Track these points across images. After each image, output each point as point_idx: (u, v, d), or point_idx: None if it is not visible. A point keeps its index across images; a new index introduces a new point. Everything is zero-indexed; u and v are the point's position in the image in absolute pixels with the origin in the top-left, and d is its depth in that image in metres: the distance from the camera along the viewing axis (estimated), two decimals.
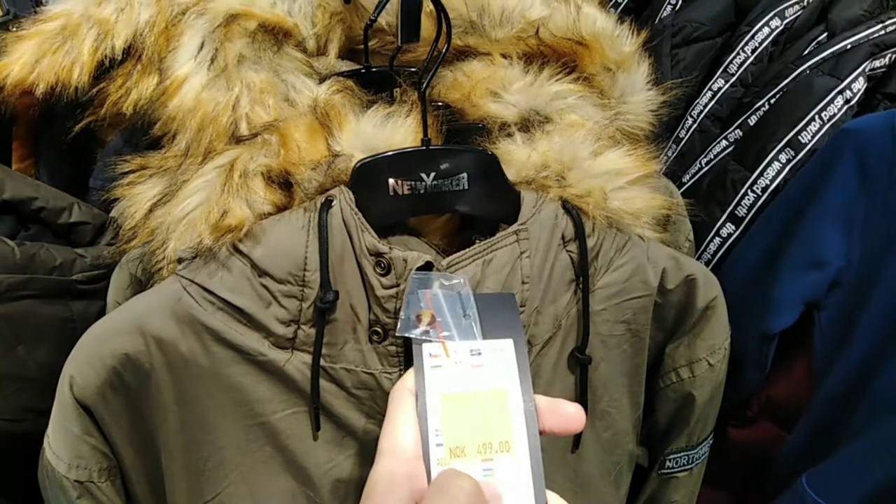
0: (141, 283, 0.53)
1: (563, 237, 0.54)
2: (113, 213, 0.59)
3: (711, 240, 1.01)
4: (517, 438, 0.35)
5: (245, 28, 0.53)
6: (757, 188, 0.98)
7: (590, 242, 0.54)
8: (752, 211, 0.98)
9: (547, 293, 0.54)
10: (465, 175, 0.52)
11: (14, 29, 0.65)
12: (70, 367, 0.47)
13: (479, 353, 0.37)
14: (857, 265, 0.83)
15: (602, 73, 0.65)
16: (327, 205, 0.48)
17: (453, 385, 0.36)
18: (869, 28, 0.99)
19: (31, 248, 0.54)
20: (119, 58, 0.63)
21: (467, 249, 0.50)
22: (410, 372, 0.38)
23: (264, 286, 0.48)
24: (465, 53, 0.63)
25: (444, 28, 0.51)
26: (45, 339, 0.54)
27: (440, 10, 0.50)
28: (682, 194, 1.10)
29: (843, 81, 0.96)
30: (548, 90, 0.60)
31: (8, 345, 0.52)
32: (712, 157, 1.10)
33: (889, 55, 0.97)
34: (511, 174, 0.55)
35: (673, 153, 1.19)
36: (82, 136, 0.67)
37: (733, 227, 1.00)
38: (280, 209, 0.50)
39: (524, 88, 0.60)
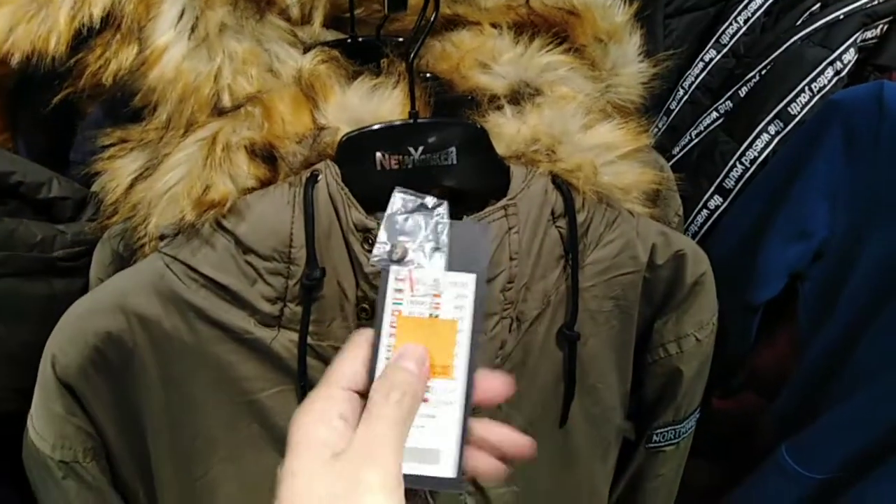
0: (123, 260, 0.52)
1: (552, 213, 0.53)
2: (94, 188, 0.57)
3: (699, 212, 1.01)
4: (457, 366, 0.38)
5: None
6: (745, 160, 0.98)
7: (579, 218, 0.54)
8: (740, 183, 0.98)
9: (536, 269, 0.53)
10: (453, 149, 0.51)
11: None
12: (52, 346, 0.47)
13: (440, 284, 0.39)
14: (840, 236, 0.84)
15: (593, 43, 0.64)
16: (313, 179, 0.47)
17: (411, 309, 0.39)
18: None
19: (9, 224, 0.52)
20: (97, 27, 0.60)
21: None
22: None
23: (249, 263, 0.47)
24: (454, 22, 0.62)
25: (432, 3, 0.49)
26: (27, 318, 0.53)
27: None
28: (672, 167, 1.10)
29: (833, 52, 0.95)
30: (538, 61, 0.59)
31: None
32: (702, 129, 1.09)
33: (881, 25, 0.96)
34: (501, 148, 0.54)
35: (663, 125, 1.18)
36: (61, 108, 0.65)
37: (720, 200, 1.00)
38: (264, 184, 0.49)
39: (514, 59, 0.59)
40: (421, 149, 0.50)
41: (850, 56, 0.95)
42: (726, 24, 1.12)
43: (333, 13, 0.59)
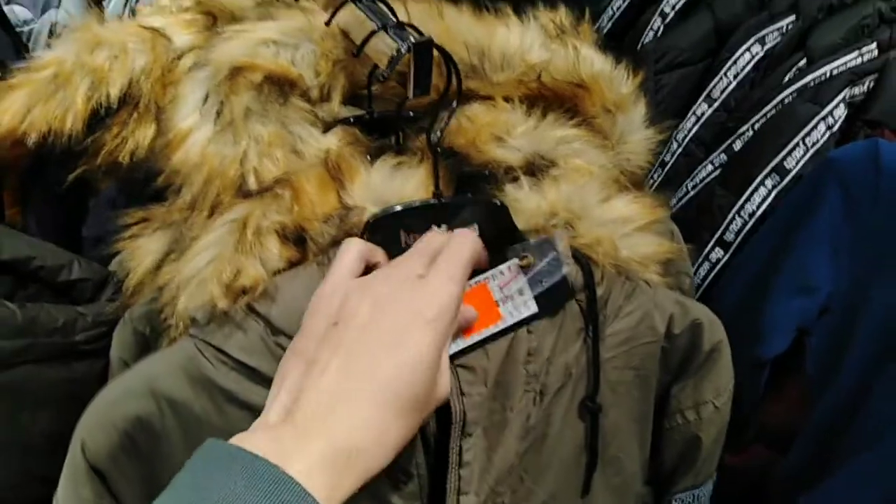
0: (148, 341, 0.52)
1: (571, 286, 0.54)
2: (113, 266, 0.57)
3: (701, 264, 1.03)
4: None
5: (251, 81, 0.53)
6: (744, 213, 1.00)
7: (599, 291, 0.55)
8: (740, 236, 1.00)
9: (558, 343, 0.54)
10: (476, 227, 0.52)
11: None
12: (82, 431, 0.46)
13: None
14: (845, 291, 0.85)
15: (602, 114, 0.66)
16: None
17: None
18: (846, 55, 1.01)
19: (31, 311, 0.52)
20: (114, 106, 0.62)
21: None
22: None
23: (279, 345, 0.47)
24: (467, 97, 0.63)
25: (455, 82, 0.51)
26: (48, 404, 0.52)
27: (449, 64, 0.50)
28: (671, 218, 1.12)
29: (824, 108, 0.98)
30: (552, 135, 0.60)
31: (10, 412, 0.51)
32: (698, 181, 1.12)
33: (867, 82, 1.00)
34: (520, 223, 0.55)
35: (658, 177, 1.20)
36: (74, 184, 0.66)
37: (722, 252, 1.02)
38: (293, 264, 0.49)
39: (528, 132, 0.60)
40: (444, 227, 0.51)
41: (841, 112, 0.98)
42: (717, 78, 1.16)
43: (351, 91, 0.61)
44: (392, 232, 0.50)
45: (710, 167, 1.10)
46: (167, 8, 0.71)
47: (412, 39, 0.49)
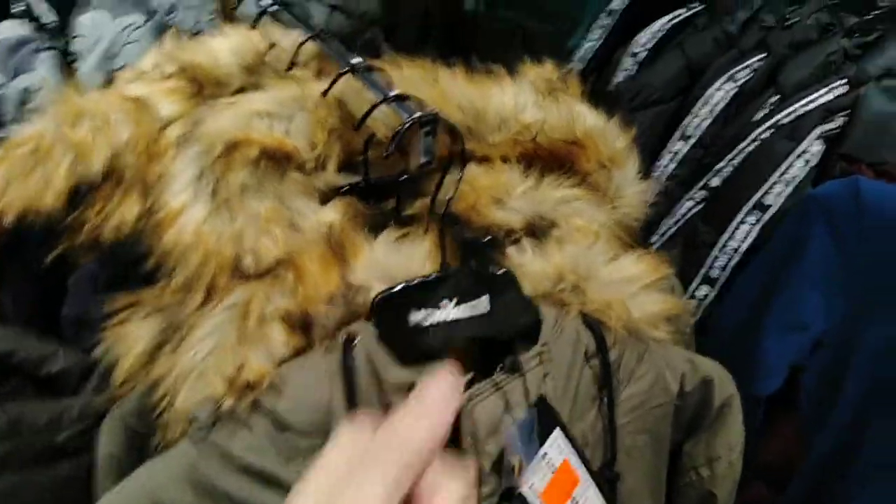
0: (141, 437, 0.49)
1: (585, 352, 0.53)
2: (99, 353, 0.54)
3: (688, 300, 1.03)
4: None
5: (247, 156, 0.51)
6: (728, 249, 1.01)
7: (612, 356, 0.53)
8: (726, 272, 1.00)
9: (574, 411, 0.52)
10: (486, 297, 0.50)
11: None
12: None
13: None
14: (837, 326, 0.85)
15: (597, 169, 0.65)
16: (349, 344, 0.46)
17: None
18: (818, 92, 1.04)
19: (12, 411, 0.48)
20: (98, 181, 0.59)
21: (486, 381, 0.48)
22: None
23: (287, 441, 0.45)
24: (465, 158, 0.62)
25: (458, 149, 0.50)
26: None
27: (453, 134, 0.49)
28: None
29: (801, 144, 1.00)
30: (552, 195, 0.60)
31: None
32: (679, 217, 1.12)
33: (840, 118, 1.02)
34: (527, 288, 0.53)
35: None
36: (52, 261, 0.63)
37: (708, 288, 1.02)
38: (299, 352, 0.47)
39: (527, 193, 0.59)
40: (455, 301, 0.49)
41: (818, 147, 1.00)
42: (691, 116, 1.17)
43: (347, 159, 0.59)
44: (400, 310, 0.48)
45: (689, 203, 1.11)
46: (149, 74, 0.69)
47: (417, 112, 0.48)
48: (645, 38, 1.30)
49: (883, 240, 0.80)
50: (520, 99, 0.63)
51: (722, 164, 1.07)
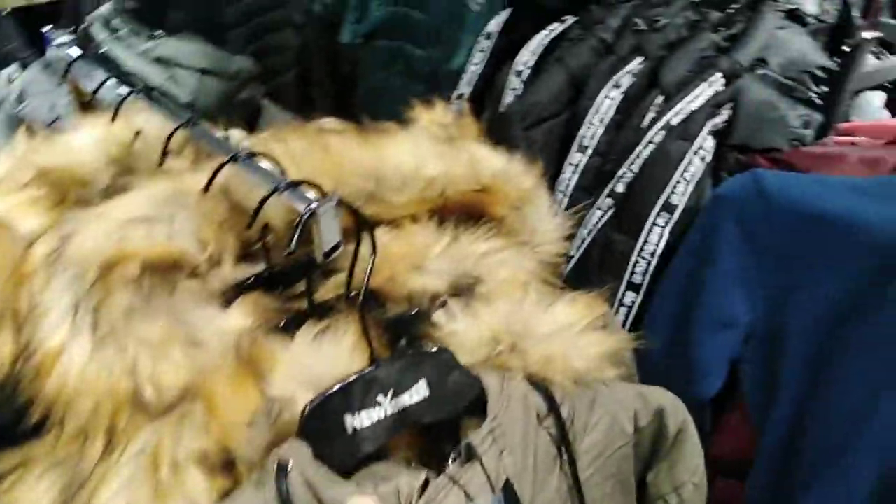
0: None
1: (538, 416, 0.50)
2: None
3: (617, 310, 1.03)
4: None
5: (128, 275, 0.44)
6: (645, 254, 1.01)
7: (564, 412, 0.51)
8: (648, 276, 1.01)
9: (536, 482, 0.49)
10: (423, 381, 0.46)
11: None
12: None
13: None
14: (763, 316, 0.87)
15: (510, 212, 0.63)
16: (282, 472, 0.40)
17: None
18: (698, 88, 1.07)
19: None
20: None
21: (442, 477, 0.44)
22: None
23: None
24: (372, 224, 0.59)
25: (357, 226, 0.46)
26: None
27: (362, 225, 0.45)
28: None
29: (694, 142, 1.02)
30: (472, 250, 0.57)
31: None
32: (592, 228, 1.12)
33: (724, 111, 1.05)
34: (465, 358, 0.50)
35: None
36: None
37: (634, 295, 1.02)
38: (226, 493, 0.41)
39: (445, 252, 0.56)
40: (391, 393, 0.45)
41: (709, 143, 1.03)
42: (583, 126, 1.18)
43: (244, 250, 0.54)
44: (333, 418, 0.43)
45: (598, 212, 1.11)
46: (2, 185, 0.61)
47: (312, 196, 0.43)
48: (526, 57, 1.31)
49: (791, 228, 0.82)
50: (418, 153, 0.60)
51: (622, 170, 1.08)
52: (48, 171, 0.60)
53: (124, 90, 0.59)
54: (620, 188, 1.09)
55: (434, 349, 0.48)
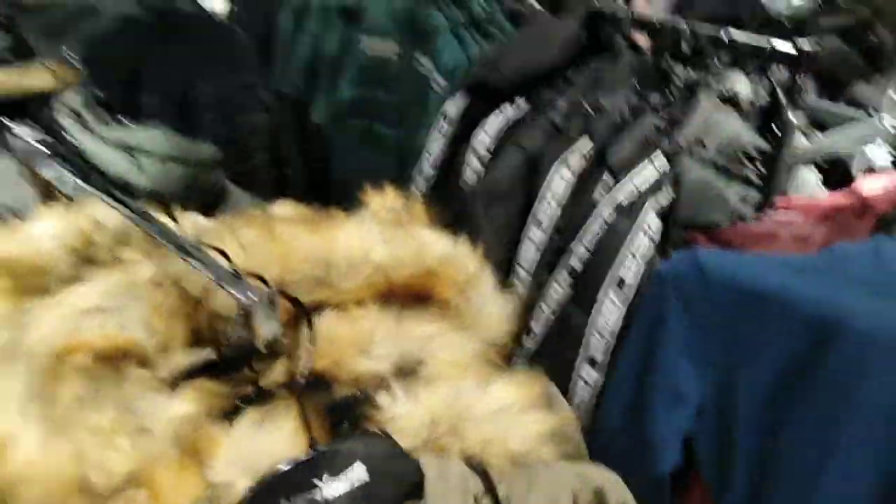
0: None
1: (475, 497, 0.51)
2: None
3: (575, 384, 1.05)
4: None
5: (79, 365, 0.46)
6: (602, 330, 1.04)
7: (501, 492, 0.52)
8: (607, 354, 1.03)
9: None
10: (361, 465, 0.48)
11: None
12: None
13: None
14: (713, 389, 0.90)
15: (455, 295, 0.66)
16: None
17: None
18: (644, 169, 1.13)
19: None
20: None
21: None
22: None
23: None
24: (319, 308, 0.61)
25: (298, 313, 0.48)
26: None
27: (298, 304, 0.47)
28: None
29: (639, 221, 1.07)
30: (415, 333, 0.59)
31: None
32: (551, 302, 1.16)
33: (667, 190, 1.11)
34: (406, 441, 0.52)
35: (515, 304, 1.23)
36: None
37: (595, 373, 1.04)
38: None
39: (389, 336, 0.59)
40: (327, 477, 0.47)
41: (655, 221, 1.08)
42: (538, 203, 1.23)
43: (193, 335, 0.56)
44: (275, 502, 0.45)
45: (556, 286, 1.15)
46: None
47: (252, 289, 0.46)
48: (483, 138, 1.37)
49: (730, 305, 0.85)
50: (366, 239, 0.64)
51: (577, 246, 1.13)
52: (8, 261, 0.62)
53: (84, 181, 0.62)
54: (576, 264, 1.14)
55: (374, 433, 0.50)
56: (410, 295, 0.64)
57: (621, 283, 1.05)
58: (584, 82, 1.41)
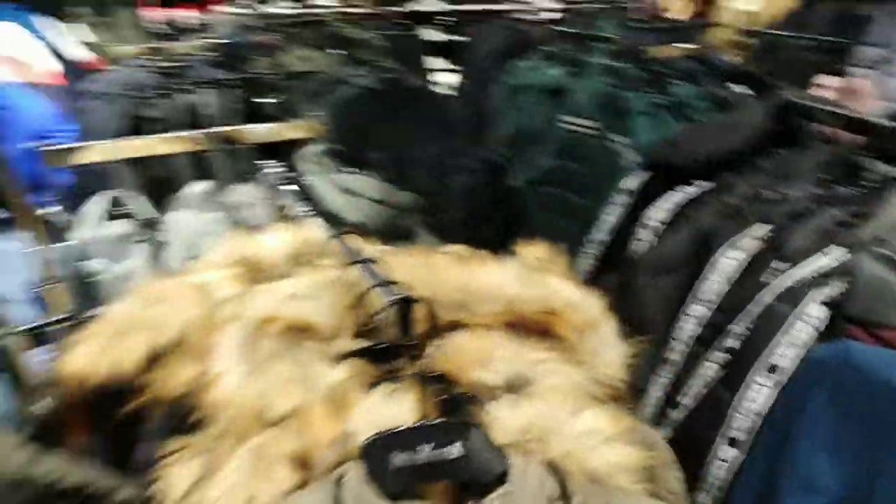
0: None
1: (549, 498, 0.61)
2: (151, 493, 0.66)
3: (712, 461, 1.06)
4: None
5: (274, 330, 0.65)
6: (748, 412, 1.05)
7: (575, 500, 0.61)
8: (751, 434, 1.03)
9: None
10: (457, 444, 0.60)
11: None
12: None
13: None
14: (850, 490, 0.87)
15: (573, 333, 0.76)
16: (339, 481, 0.57)
17: None
18: (818, 259, 1.12)
19: None
20: (166, 351, 0.75)
21: None
22: None
23: None
24: (456, 326, 0.75)
25: (432, 320, 0.63)
26: None
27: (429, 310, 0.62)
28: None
29: (799, 308, 1.07)
30: (530, 357, 0.71)
31: None
32: (704, 380, 1.18)
33: (839, 283, 1.09)
34: (498, 437, 0.63)
35: (667, 376, 1.26)
36: (128, 416, 0.77)
37: (735, 451, 1.05)
38: (302, 485, 0.58)
39: (508, 356, 0.71)
40: (430, 447, 0.60)
41: (820, 311, 1.07)
42: (705, 281, 1.26)
43: (359, 328, 0.73)
44: (383, 453, 0.59)
45: (710, 363, 1.17)
46: (217, 263, 0.87)
47: (396, 295, 0.62)
48: (659, 213, 1.44)
49: (880, 403, 0.84)
50: (504, 277, 0.77)
51: (736, 326, 1.14)
52: (246, 259, 0.85)
53: (306, 210, 0.84)
54: (733, 344, 1.15)
55: (474, 424, 0.62)
56: (534, 328, 0.76)
57: (773, 368, 1.05)
58: (769, 169, 1.43)
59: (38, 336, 0.83)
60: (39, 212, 1.24)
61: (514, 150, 2.41)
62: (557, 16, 3.89)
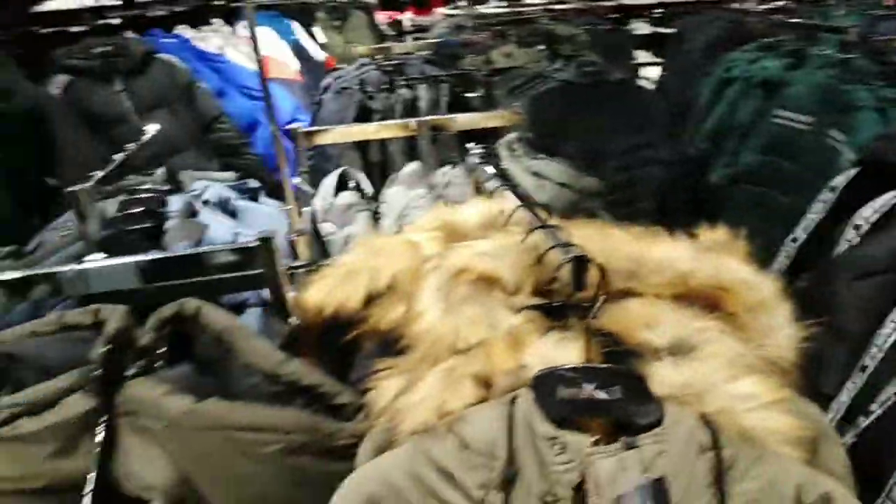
0: (383, 450, 0.75)
1: (700, 445, 0.67)
2: (366, 400, 0.83)
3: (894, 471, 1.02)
4: None
5: (467, 279, 0.79)
6: None
7: (726, 453, 0.66)
8: None
9: (687, 493, 0.66)
10: (617, 387, 0.69)
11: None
12: (335, 499, 0.70)
13: None
14: None
15: (743, 312, 0.80)
16: (514, 402, 0.68)
17: None
18: None
19: (313, 419, 0.80)
20: (382, 292, 0.92)
21: (608, 446, 0.66)
22: None
23: (467, 456, 0.68)
24: (627, 294, 0.83)
25: (603, 281, 0.72)
26: (314, 486, 0.77)
27: (602, 270, 0.71)
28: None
29: None
30: (694, 324, 0.77)
31: (295, 485, 0.77)
32: (887, 399, 1.12)
33: None
34: (657, 389, 0.70)
35: (860, 381, 1.21)
36: (350, 342, 0.96)
37: None
38: (482, 401, 0.70)
39: (673, 322, 0.77)
40: (592, 386, 0.69)
41: None
42: None
43: (537, 287, 0.84)
44: (551, 385, 0.69)
45: None
46: (423, 227, 1.03)
47: (572, 254, 0.72)
48: (868, 212, 1.36)
49: None
50: (677, 252, 0.83)
51: None
52: (447, 225, 1.00)
53: (501, 185, 0.96)
54: None
55: (631, 370, 0.70)
56: (704, 302, 0.81)
57: None
58: None
59: (290, 276, 1.06)
60: (293, 181, 1.53)
61: (714, 144, 2.35)
62: (780, 4, 3.65)
